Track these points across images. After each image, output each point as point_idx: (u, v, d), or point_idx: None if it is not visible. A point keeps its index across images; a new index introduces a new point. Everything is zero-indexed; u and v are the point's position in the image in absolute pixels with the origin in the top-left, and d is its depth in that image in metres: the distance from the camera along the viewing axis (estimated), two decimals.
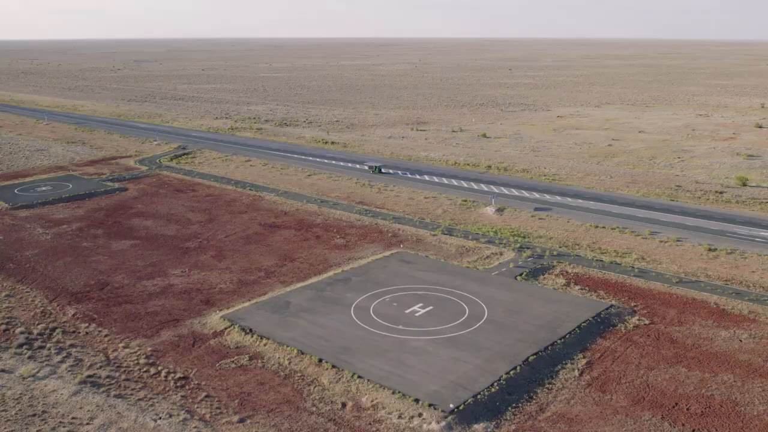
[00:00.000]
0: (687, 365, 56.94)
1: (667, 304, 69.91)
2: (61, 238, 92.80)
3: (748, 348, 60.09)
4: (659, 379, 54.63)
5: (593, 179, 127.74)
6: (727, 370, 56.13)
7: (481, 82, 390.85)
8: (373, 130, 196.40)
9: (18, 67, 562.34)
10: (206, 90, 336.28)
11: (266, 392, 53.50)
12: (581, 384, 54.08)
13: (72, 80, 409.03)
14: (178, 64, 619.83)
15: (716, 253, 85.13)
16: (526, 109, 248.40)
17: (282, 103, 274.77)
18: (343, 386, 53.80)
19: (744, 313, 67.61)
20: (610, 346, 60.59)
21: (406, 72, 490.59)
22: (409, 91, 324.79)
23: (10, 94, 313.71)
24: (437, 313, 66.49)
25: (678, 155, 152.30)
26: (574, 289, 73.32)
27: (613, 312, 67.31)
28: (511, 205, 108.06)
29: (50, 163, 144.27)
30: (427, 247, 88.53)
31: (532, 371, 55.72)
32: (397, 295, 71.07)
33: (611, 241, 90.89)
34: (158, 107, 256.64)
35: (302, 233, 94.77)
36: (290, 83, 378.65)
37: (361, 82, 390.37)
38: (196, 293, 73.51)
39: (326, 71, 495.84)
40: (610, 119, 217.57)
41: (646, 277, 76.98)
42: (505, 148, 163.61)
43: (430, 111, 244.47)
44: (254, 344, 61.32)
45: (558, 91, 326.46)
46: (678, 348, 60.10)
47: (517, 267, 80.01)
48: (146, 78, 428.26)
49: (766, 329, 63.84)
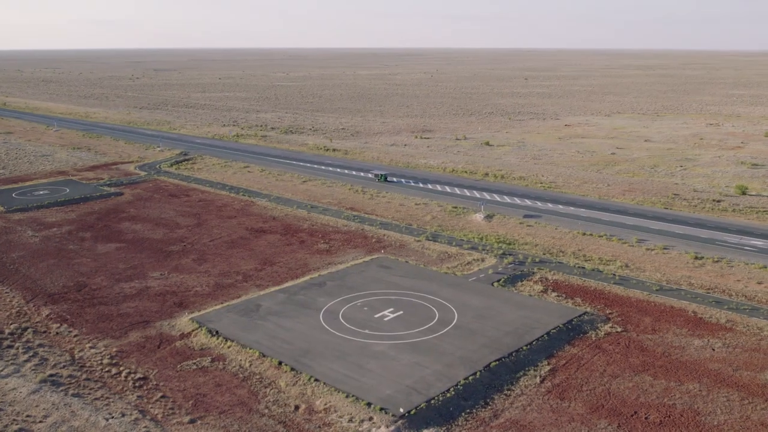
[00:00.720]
0: (653, 374, 55.70)
1: (644, 311, 68.60)
2: (50, 240, 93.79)
3: (719, 357, 58.68)
4: (622, 387, 53.48)
5: (590, 187, 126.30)
6: (694, 379, 54.81)
7: (495, 91, 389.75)
8: (377, 137, 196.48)
9: (40, 76, 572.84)
10: (218, 98, 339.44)
11: (222, 394, 53.31)
12: (541, 391, 53.12)
13: (89, 88, 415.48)
14: (197, 73, 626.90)
15: (702, 262, 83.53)
16: (535, 118, 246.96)
17: (291, 111, 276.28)
18: (299, 389, 53.43)
19: (722, 322, 66.10)
20: (577, 354, 59.53)
21: (420, 81, 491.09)
22: (419, 100, 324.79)
23: (27, 101, 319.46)
24: (406, 318, 65.91)
25: (681, 164, 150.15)
26: (550, 296, 72.29)
27: (585, 319, 66.19)
28: (501, 212, 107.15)
29: (52, 168, 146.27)
30: (410, 252, 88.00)
31: (493, 377, 54.88)
32: (370, 300, 70.62)
33: (597, 248, 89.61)
34: (168, 115, 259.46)
35: (287, 238, 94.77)
36: (303, 92, 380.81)
37: (374, 91, 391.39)
38: (171, 296, 73.70)
39: (342, 80, 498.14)
40: (618, 128, 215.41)
41: (626, 285, 75.69)
42: (507, 156, 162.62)
43: (437, 119, 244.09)
44: (218, 346, 61.24)
45: (570, 100, 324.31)
46: (647, 356, 58.86)
47: (496, 273, 79.15)
48: (162, 86, 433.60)
49: (742, 339, 62.34)
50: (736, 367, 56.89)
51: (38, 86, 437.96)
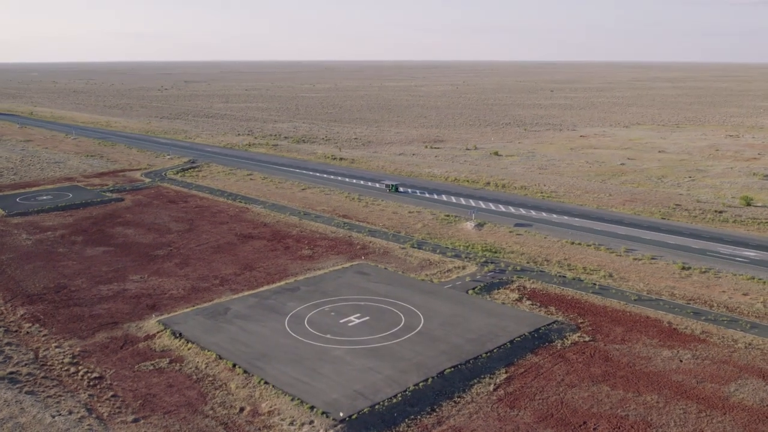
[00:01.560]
0: (612, 384, 54.16)
1: (617, 321, 66.93)
2: (42, 243, 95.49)
3: (685, 369, 56.85)
4: (576, 397, 52.09)
5: (590, 197, 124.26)
6: (653, 390, 53.14)
7: (517, 102, 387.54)
8: (388, 147, 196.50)
9: (72, 87, 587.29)
10: (239, 108, 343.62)
11: (172, 395, 53.35)
12: (492, 399, 52.02)
13: (116, 99, 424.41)
14: (225, 85, 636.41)
15: (689, 272, 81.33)
16: (551, 129, 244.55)
17: (309, 121, 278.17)
18: (248, 391, 53.21)
19: (696, 333, 64.12)
20: (538, 362, 58.24)
21: (444, 93, 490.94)
22: (438, 111, 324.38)
23: (53, 110, 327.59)
24: (371, 324, 65.33)
25: (690, 175, 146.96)
26: (524, 304, 71.00)
27: (554, 328, 64.80)
28: (494, 221, 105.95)
29: (61, 175, 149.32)
30: (392, 259, 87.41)
31: (445, 384, 53.94)
32: (339, 305, 70.21)
33: (584, 257, 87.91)
34: (187, 124, 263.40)
35: (273, 244, 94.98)
36: (325, 103, 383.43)
37: (395, 102, 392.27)
38: (146, 298, 74.27)
39: (366, 92, 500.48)
40: (634, 139, 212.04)
41: (604, 295, 73.99)
42: (513, 166, 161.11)
43: (452, 130, 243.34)
44: (179, 348, 61.41)
45: (592, 111, 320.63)
46: (610, 366, 57.30)
47: (473, 281, 78.09)
48: (188, 97, 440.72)
49: (714, 350, 60.35)
50: (700, 379, 55.04)
51: (68, 96, 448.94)
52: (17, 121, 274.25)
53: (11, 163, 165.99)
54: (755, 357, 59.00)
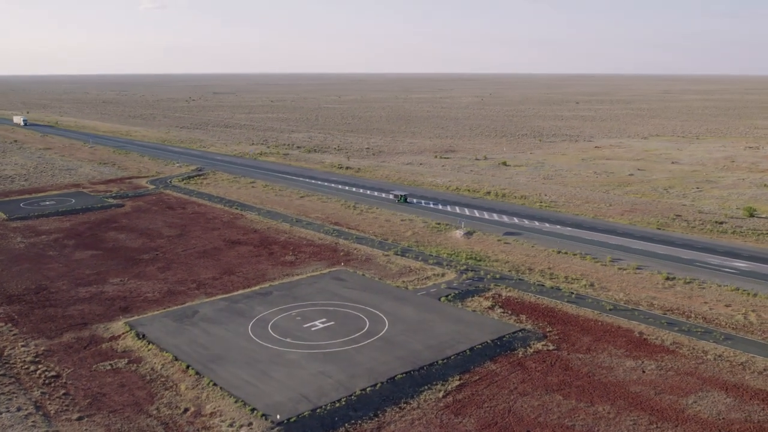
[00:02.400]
0: (566, 393, 52.83)
1: (586, 331, 65.42)
2: (34, 247, 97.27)
3: (646, 380, 55.21)
4: (525, 406, 50.92)
5: (589, 207, 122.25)
6: (607, 401, 51.68)
7: (539, 114, 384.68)
8: (397, 157, 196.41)
9: (103, 97, 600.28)
10: (260, 119, 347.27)
11: (122, 394, 53.58)
12: (438, 406, 51.13)
13: (142, 109, 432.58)
14: (253, 96, 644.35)
15: (673, 282, 79.28)
16: (567, 140, 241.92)
17: (326, 131, 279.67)
18: (197, 393, 53.20)
19: (666, 344, 62.34)
20: (495, 370, 57.15)
21: (468, 104, 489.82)
22: (457, 122, 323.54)
23: (78, 120, 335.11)
24: (334, 329, 64.93)
25: (699, 186, 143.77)
26: (495, 312, 69.88)
27: (520, 336, 63.60)
28: (484, 229, 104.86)
29: (70, 181, 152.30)
30: (373, 266, 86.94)
31: (394, 390, 53.20)
32: (307, 310, 69.98)
33: (568, 266, 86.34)
34: (205, 134, 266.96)
35: (258, 250, 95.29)
36: (345, 114, 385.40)
37: (416, 113, 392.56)
38: (120, 300, 74.97)
39: (390, 104, 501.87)
40: (649, 150, 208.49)
41: (579, 304, 72.47)
42: (518, 176, 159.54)
43: (466, 140, 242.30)
44: (140, 349, 61.76)
45: (613, 123, 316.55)
46: (568, 375, 55.95)
47: (449, 288, 77.21)
48: (212, 108, 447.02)
49: (681, 362, 58.55)
50: (659, 390, 53.37)
51: (96, 107, 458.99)
52: (40, 130, 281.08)
53: (25, 169, 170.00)
54: (722, 369, 57.07)
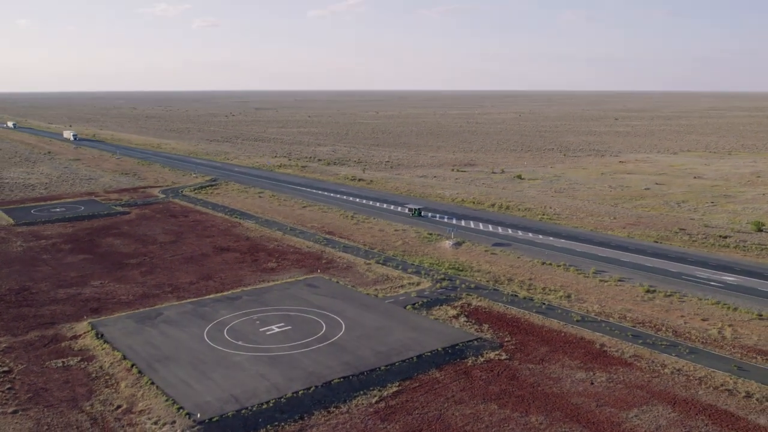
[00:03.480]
0: (503, 403, 51.35)
1: (546, 341, 63.62)
2: (31, 250, 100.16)
3: (592, 392, 53.25)
4: (457, 414, 49.67)
5: (591, 219, 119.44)
6: (543, 412, 50.01)
7: (573, 129, 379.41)
8: (414, 170, 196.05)
9: (148, 113, 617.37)
10: (291, 133, 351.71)
11: (63, 390, 54.38)
12: (368, 411, 50.32)
13: (180, 123, 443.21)
14: (292, 111, 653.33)
15: (653, 295, 76.64)
16: (593, 155, 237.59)
17: (352, 145, 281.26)
18: (133, 391, 53.62)
19: (625, 356, 60.11)
20: (437, 378, 56.01)
21: (504, 120, 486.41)
22: (486, 137, 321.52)
23: (115, 133, 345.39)
24: (290, 333, 64.76)
25: (714, 200, 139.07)
26: (458, 321, 68.64)
27: (474, 345, 62.26)
28: (475, 240, 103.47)
29: (87, 190, 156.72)
30: (351, 274, 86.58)
31: (329, 393, 52.60)
32: (269, 315, 70.02)
33: (549, 278, 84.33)
34: (233, 147, 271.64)
35: (244, 256, 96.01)
36: (377, 129, 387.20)
37: (448, 128, 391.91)
38: (94, 302, 76.38)
39: (425, 119, 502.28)
40: (675, 165, 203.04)
41: (548, 315, 70.60)
42: (530, 189, 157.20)
43: (490, 154, 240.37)
44: (95, 348, 62.68)
45: (646, 138, 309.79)
46: (511, 385, 54.40)
47: (419, 296, 76.24)
48: (249, 122, 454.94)
49: (634, 374, 56.34)
50: (602, 402, 51.40)
51: (138, 121, 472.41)
52: (75, 142, 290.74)
53: (48, 178, 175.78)
54: (677, 383, 54.66)
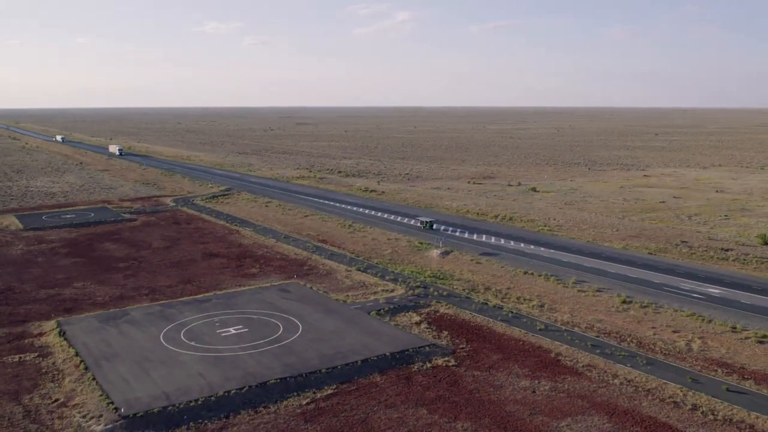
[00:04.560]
0: (434, 409, 50.32)
1: (501, 349, 62.21)
2: (29, 253, 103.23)
3: (530, 400, 51.74)
4: (383, 418, 48.88)
5: (593, 231, 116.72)
6: (472, 419, 48.81)
7: (608, 144, 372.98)
8: (430, 182, 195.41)
9: (190, 127, 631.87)
10: (320, 146, 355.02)
11: (9, 383, 55.58)
12: (295, 412, 49.94)
13: (217, 137, 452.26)
14: (331, 126, 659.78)
15: (628, 306, 74.32)
16: (619, 168, 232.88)
17: (377, 158, 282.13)
18: (75, 386, 54.49)
19: (578, 366, 58.28)
20: (376, 382, 55.28)
21: (540, 135, 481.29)
22: (513, 151, 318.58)
23: (150, 146, 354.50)
24: (245, 335, 64.99)
25: (729, 213, 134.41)
26: (419, 328, 67.75)
27: (425, 351, 61.33)
28: (463, 249, 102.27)
29: (103, 198, 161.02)
30: (329, 280, 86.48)
31: (261, 394, 52.45)
32: (231, 317, 70.44)
33: (528, 287, 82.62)
34: (259, 159, 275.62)
35: (231, 262, 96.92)
36: (407, 143, 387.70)
37: (481, 142, 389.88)
38: (70, 302, 78.08)
39: (460, 134, 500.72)
40: (700, 179, 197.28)
41: (512, 323, 69.12)
42: (540, 201, 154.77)
43: (511, 168, 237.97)
44: (54, 345, 64.00)
45: (679, 153, 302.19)
46: (449, 391, 53.30)
47: (387, 303, 75.59)
48: (284, 136, 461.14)
49: (581, 384, 54.54)
50: (536, 411, 49.87)
51: (177, 135, 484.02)
52: (106, 153, 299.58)
53: (70, 187, 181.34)
54: (622, 394, 52.67)
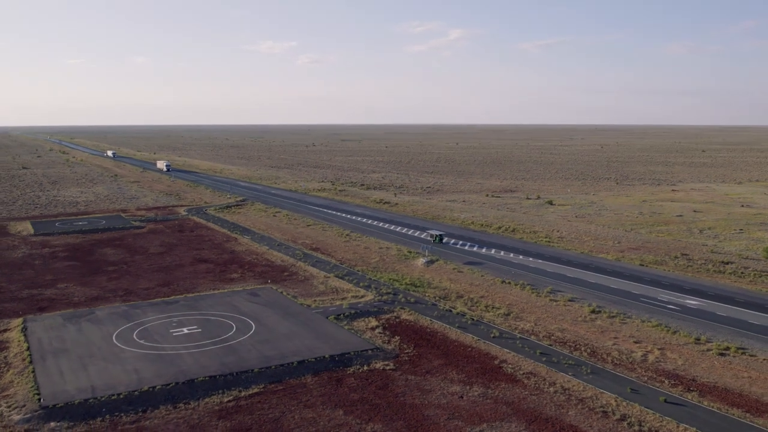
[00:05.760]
0: (350, 410, 49.59)
1: (446, 355, 60.96)
2: (29, 257, 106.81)
3: (454, 405, 50.44)
4: (296, 418, 48.43)
5: (593, 243, 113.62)
6: (386, 421, 47.89)
7: (647, 160, 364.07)
8: (448, 195, 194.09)
9: (236, 143, 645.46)
10: (353, 161, 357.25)
11: None
12: (213, 409, 49.94)
13: (257, 152, 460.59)
14: (373, 143, 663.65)
15: (596, 315, 71.96)
16: (649, 183, 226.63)
17: (405, 172, 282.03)
18: (15, 378, 55.90)
19: (518, 373, 56.57)
20: (306, 382, 54.86)
21: (582, 152, 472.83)
22: (546, 166, 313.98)
23: (189, 160, 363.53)
24: (195, 335, 65.54)
25: (746, 228, 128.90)
26: (373, 332, 67.02)
27: (366, 354, 60.64)
28: (450, 258, 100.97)
29: (121, 207, 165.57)
30: (304, 285, 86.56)
31: (187, 390, 52.70)
32: (189, 318, 71.17)
33: (501, 296, 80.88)
34: (289, 172, 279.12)
35: (216, 267, 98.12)
36: (441, 158, 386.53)
37: (516, 158, 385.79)
38: (47, 302, 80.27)
39: (500, 150, 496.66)
40: (729, 194, 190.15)
41: (468, 330, 67.77)
42: (551, 214, 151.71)
43: (537, 182, 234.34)
44: (12, 341, 65.82)
45: (721, 169, 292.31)
46: (374, 394, 52.48)
47: (351, 308, 75.17)
48: (322, 152, 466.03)
49: (513, 391, 52.88)
50: (454, 416, 48.60)
51: (219, 150, 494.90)
52: (142, 165, 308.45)
53: (96, 197, 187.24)
54: (552, 403, 50.82)
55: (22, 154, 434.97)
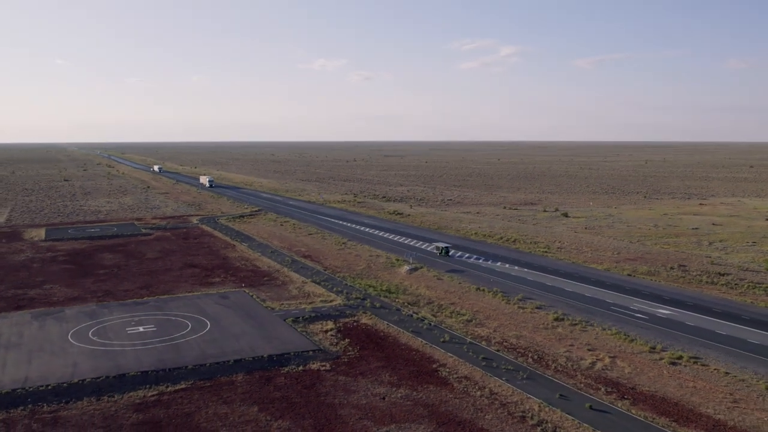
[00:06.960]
0: (265, 407, 49.54)
1: (388, 357, 60.23)
2: (31, 260, 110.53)
3: (370, 406, 49.76)
4: (208, 413, 48.58)
5: (590, 254, 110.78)
6: (294, 419, 47.65)
7: (687, 175, 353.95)
8: (466, 207, 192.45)
9: (277, 158, 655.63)
10: (384, 175, 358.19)
11: None
12: (133, 403, 50.47)
13: (294, 166, 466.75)
14: (414, 158, 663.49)
15: (558, 323, 70.09)
16: (679, 197, 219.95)
17: (432, 186, 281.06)
18: None
19: (452, 377, 55.43)
20: (235, 380, 54.96)
21: (621, 167, 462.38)
22: (578, 180, 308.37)
23: (225, 173, 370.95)
24: (147, 334, 66.58)
25: (759, 241, 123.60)
26: (325, 335, 66.85)
27: (306, 355, 60.50)
28: (434, 266, 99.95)
29: (140, 215, 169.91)
30: (276, 290, 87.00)
31: (116, 384, 53.53)
32: (150, 318, 72.35)
33: (471, 302, 79.55)
34: (316, 185, 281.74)
35: (202, 272, 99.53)
36: (475, 173, 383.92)
37: (549, 173, 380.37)
38: (27, 301, 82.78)
39: (539, 166, 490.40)
40: (759, 208, 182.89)
41: (420, 335, 66.81)
42: (560, 226, 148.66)
43: (562, 196, 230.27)
44: None
45: (758, 184, 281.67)
46: (297, 393, 52.28)
47: (313, 311, 75.15)
48: (360, 167, 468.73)
49: (439, 395, 51.80)
50: (366, 416, 47.93)
51: (259, 165, 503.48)
52: (176, 178, 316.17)
53: (120, 206, 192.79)
54: (473, 406, 49.62)
55: (69, 168, 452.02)
